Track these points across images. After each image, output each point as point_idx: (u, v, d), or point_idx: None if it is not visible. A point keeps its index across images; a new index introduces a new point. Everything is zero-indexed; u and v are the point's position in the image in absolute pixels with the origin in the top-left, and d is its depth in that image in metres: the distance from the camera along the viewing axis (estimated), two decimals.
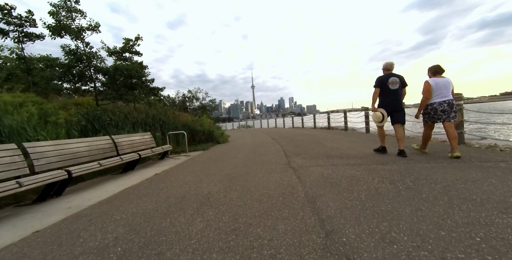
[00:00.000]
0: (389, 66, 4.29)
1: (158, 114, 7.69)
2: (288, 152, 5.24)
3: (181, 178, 3.56)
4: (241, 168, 3.91)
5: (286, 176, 3.09)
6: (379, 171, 2.87)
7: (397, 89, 4.07)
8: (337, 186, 2.43)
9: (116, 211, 2.25)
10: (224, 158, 5.29)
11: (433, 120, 3.68)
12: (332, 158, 4.10)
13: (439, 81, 3.60)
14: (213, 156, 5.88)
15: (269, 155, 5.14)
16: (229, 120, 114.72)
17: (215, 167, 4.29)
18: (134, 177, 3.96)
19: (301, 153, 5.00)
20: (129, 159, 4.26)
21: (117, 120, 6.18)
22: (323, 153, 4.75)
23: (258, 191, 2.52)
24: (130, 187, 3.23)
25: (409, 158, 3.55)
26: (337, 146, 5.56)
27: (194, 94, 24.28)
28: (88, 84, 7.54)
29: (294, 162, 4.00)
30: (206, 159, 5.39)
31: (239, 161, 4.66)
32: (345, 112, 10.00)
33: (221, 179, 3.22)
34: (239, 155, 5.59)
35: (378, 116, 4.14)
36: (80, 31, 6.78)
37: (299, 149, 5.54)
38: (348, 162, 3.58)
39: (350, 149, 4.96)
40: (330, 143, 6.13)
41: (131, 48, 10.26)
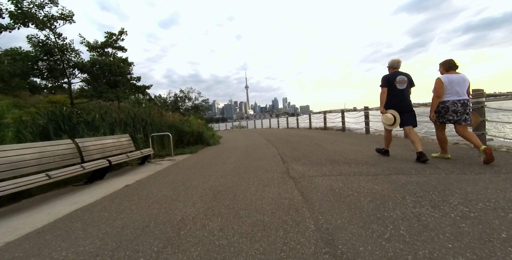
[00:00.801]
0: (395, 64, 3.72)
1: (140, 114, 6.86)
2: (285, 156, 4.55)
3: (155, 192, 2.82)
4: (230, 178, 3.19)
5: (285, 190, 2.39)
6: (405, 185, 2.21)
7: (405, 89, 3.56)
8: (357, 209, 1.75)
9: (33, 258, 1.50)
10: (212, 163, 4.56)
11: (442, 120, 3.17)
12: (338, 164, 3.43)
13: (453, 78, 3.09)
14: (200, 160, 5.14)
15: (264, 159, 4.44)
16: (223, 120, 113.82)
17: (199, 175, 3.56)
18: (97, 190, 3.18)
19: (300, 157, 4.33)
20: (94, 167, 3.47)
21: (91, 121, 5.35)
22: (325, 157, 4.09)
23: (250, 216, 1.82)
24: (84, 207, 2.46)
25: (433, 165, 2.92)
26: (339, 148, 4.92)
27: (186, 94, 23.39)
28: (61, 80, 6.65)
29: (293, 170, 3.32)
30: (192, 165, 4.65)
31: (229, 168, 3.94)
32: (342, 112, 9.42)
33: (203, 195, 2.50)
34: (229, 159, 4.87)
35: (389, 118, 3.55)
36: (50, 20, 5.91)
37: (297, 153, 4.86)
38: (359, 170, 2.92)
39: (355, 152, 4.32)
40: (331, 145, 5.49)
41: (114, 43, 9.39)
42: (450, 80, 3.09)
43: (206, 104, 25.43)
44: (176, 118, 8.90)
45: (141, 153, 4.90)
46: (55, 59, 6.26)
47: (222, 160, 4.86)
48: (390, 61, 3.84)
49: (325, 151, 4.83)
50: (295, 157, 4.43)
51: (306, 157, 4.33)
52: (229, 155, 5.60)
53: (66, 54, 6.29)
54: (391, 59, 3.83)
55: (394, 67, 3.73)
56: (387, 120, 3.61)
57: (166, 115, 8.26)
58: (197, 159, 5.46)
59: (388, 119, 3.58)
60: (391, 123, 3.56)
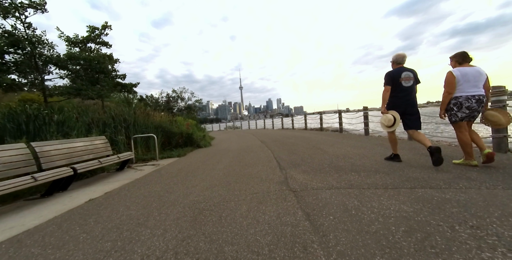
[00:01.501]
0: (400, 58, 3.28)
1: (122, 113, 6.19)
2: (282, 161, 4.00)
3: (121, 210, 2.21)
4: (217, 190, 2.61)
5: (286, 210, 1.83)
6: (442, 205, 1.67)
7: (411, 86, 3.15)
8: (394, 250, 1.20)
9: None
10: (199, 170, 3.96)
11: (454, 118, 2.77)
12: (344, 172, 2.90)
13: (466, 71, 2.72)
14: (187, 165, 4.53)
15: (258, 165, 3.87)
16: (217, 121, 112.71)
17: (182, 185, 2.96)
18: (51, 207, 2.54)
19: (298, 162, 3.78)
20: (50, 178, 2.82)
21: (62, 121, 4.66)
22: (327, 163, 3.55)
23: (240, 258, 1.25)
24: (17, 236, 1.82)
25: (463, 175, 2.40)
26: (342, 152, 4.40)
27: (179, 94, 22.60)
28: (31, 76, 5.90)
29: (293, 179, 2.76)
30: (176, 171, 4.03)
31: (218, 175, 3.35)
32: (340, 113, 8.97)
33: (181, 216, 1.91)
34: (220, 164, 4.28)
35: (389, 119, 3.20)
36: (17, 8, 5.17)
37: (295, 157, 4.32)
38: (373, 182, 2.39)
39: (360, 157, 3.80)
40: (331, 148, 4.98)
41: (97, 38, 8.65)
42: (463, 73, 2.72)
43: (200, 104, 24.68)
44: (164, 118, 8.23)
45: (118, 157, 4.25)
46: (25, 52, 5.52)
47: (211, 165, 4.27)
48: (394, 55, 3.38)
49: (325, 154, 4.30)
50: (293, 162, 3.88)
51: (305, 162, 3.79)
52: (219, 158, 5.01)
53: (37, 47, 5.56)
54: (396, 54, 3.36)
55: (398, 62, 3.29)
56: (386, 121, 3.24)
57: (153, 115, 7.58)
58: (184, 163, 4.85)
59: (388, 120, 3.21)
60: (390, 124, 3.20)
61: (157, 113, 7.82)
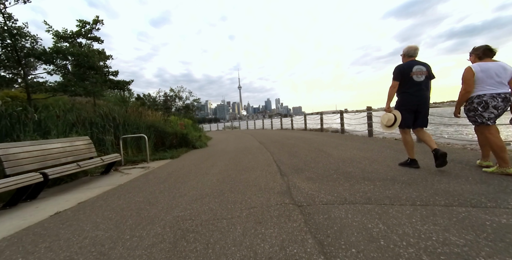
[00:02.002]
0: (412, 51, 2.91)
1: (111, 112, 5.73)
2: (283, 165, 3.58)
3: (86, 229, 1.77)
4: (208, 202, 2.18)
5: (292, 236, 1.41)
6: (506, 237, 1.25)
7: (423, 81, 2.78)
8: None
9: None
10: (191, 174, 3.53)
11: (481, 119, 2.42)
12: (356, 180, 2.48)
13: (488, 67, 2.39)
14: (178, 169, 4.09)
15: (257, 169, 3.45)
16: (216, 121, 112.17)
17: (168, 195, 2.53)
18: (2, 225, 2.07)
19: (301, 167, 3.36)
20: (14, 185, 2.37)
21: (42, 120, 4.20)
22: (334, 168, 3.14)
23: None
24: None
25: (508, 188, 1.99)
26: (348, 155, 3.98)
27: (177, 93, 22.13)
28: (12, 71, 5.43)
29: (297, 189, 2.34)
30: (166, 176, 3.60)
31: (211, 182, 2.92)
32: (341, 113, 8.56)
33: (156, 243, 1.48)
34: (214, 168, 3.85)
35: (389, 119, 2.96)
36: None
37: (297, 160, 3.90)
38: (395, 194, 1.97)
39: (370, 161, 3.39)
40: (335, 151, 4.56)
41: (88, 33, 8.17)
42: (484, 69, 2.40)
43: (198, 104, 24.21)
44: (158, 117, 7.78)
45: (102, 160, 3.80)
46: (4, 44, 5.04)
47: (205, 169, 3.83)
48: (406, 48, 3.01)
49: (330, 158, 3.88)
50: (295, 166, 3.46)
51: (309, 166, 3.37)
52: (215, 161, 4.58)
53: (18, 40, 5.08)
54: (408, 46, 2.98)
55: (410, 55, 2.91)
56: (385, 120, 3.01)
57: (146, 114, 7.13)
58: (175, 166, 4.41)
59: (387, 120, 2.98)
60: (389, 124, 2.97)
61: (150, 112, 7.36)
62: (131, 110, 6.61)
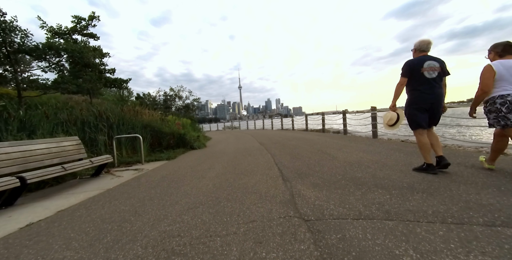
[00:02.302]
0: (424, 45, 2.64)
1: (105, 111, 5.45)
2: (285, 168, 3.30)
3: (54, 249, 1.48)
4: (201, 213, 1.90)
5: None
6: None
7: (436, 77, 2.53)
8: None
9: None
10: (186, 178, 3.25)
11: (504, 121, 2.18)
12: (368, 187, 2.20)
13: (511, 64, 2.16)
14: (173, 171, 3.81)
15: (257, 173, 3.17)
16: (216, 120, 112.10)
17: (158, 203, 2.25)
18: None
19: (305, 171, 3.08)
20: None
21: (27, 119, 3.92)
22: (341, 173, 2.85)
23: None
24: None
25: None
26: (354, 158, 3.70)
27: (176, 93, 21.86)
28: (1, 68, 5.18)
29: (302, 198, 2.06)
30: (159, 179, 3.32)
31: (206, 188, 2.64)
32: (344, 114, 8.27)
33: None
34: (211, 171, 3.57)
35: (390, 118, 2.88)
36: None
37: (300, 163, 3.61)
38: (418, 207, 1.69)
39: (380, 165, 3.10)
40: (340, 153, 4.28)
41: (84, 29, 7.90)
42: (506, 67, 2.18)
43: (198, 103, 23.92)
44: (155, 117, 7.50)
45: (91, 162, 3.51)
46: None
47: (201, 172, 3.56)
48: (417, 42, 2.76)
49: (335, 161, 3.60)
50: (298, 170, 3.18)
51: (313, 170, 3.08)
52: (212, 163, 4.30)
53: (7, 34, 4.80)
54: (419, 40, 2.73)
55: (422, 49, 2.65)
56: (386, 119, 2.92)
57: (143, 113, 6.85)
58: (171, 168, 4.13)
59: (389, 119, 2.89)
60: (391, 124, 2.89)
61: (147, 111, 7.07)
62: (127, 109, 6.32)
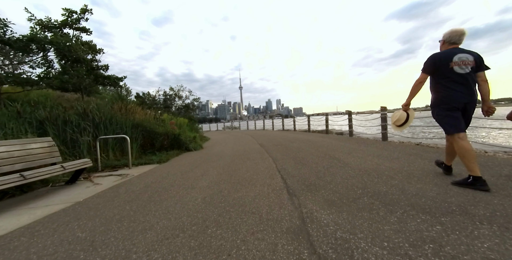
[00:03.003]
0: (455, 37, 2.15)
1: (92, 109, 4.90)
2: (290, 177, 2.73)
3: None
4: (177, 247, 1.33)
5: None
6: None
7: (469, 73, 2.04)
8: None
9: None
10: (173, 188, 2.69)
11: None
12: (404, 210, 1.63)
13: None
14: (161, 178, 3.26)
15: (256, 184, 2.61)
16: (216, 121, 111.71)
17: (126, 227, 1.68)
18: None
19: (314, 181, 2.51)
20: None
21: None
22: (360, 185, 2.29)
23: None
24: None
25: None
26: (370, 165, 3.13)
27: (176, 92, 21.33)
28: None
29: (317, 225, 1.50)
30: (141, 189, 2.77)
31: (193, 204, 2.09)
32: (349, 114, 7.71)
33: None
34: (203, 179, 3.01)
35: (400, 118, 2.56)
36: None
37: (307, 170, 3.05)
38: (500, 252, 1.13)
39: (404, 175, 2.54)
40: (351, 158, 3.71)
41: (76, 23, 7.36)
42: None
43: (198, 103, 23.37)
44: (150, 116, 6.95)
45: (63, 167, 2.95)
46: None
47: (192, 180, 3.00)
48: (447, 32, 2.23)
49: (348, 168, 3.04)
50: (306, 179, 2.62)
51: (323, 180, 2.52)
52: (206, 169, 3.74)
53: None
54: (450, 30, 2.23)
55: (453, 41, 2.16)
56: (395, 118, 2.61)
57: (135, 111, 6.29)
58: (159, 174, 3.57)
59: (398, 119, 2.57)
60: (399, 124, 2.57)
61: (140, 110, 6.52)
62: (117, 107, 5.77)
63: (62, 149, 4.14)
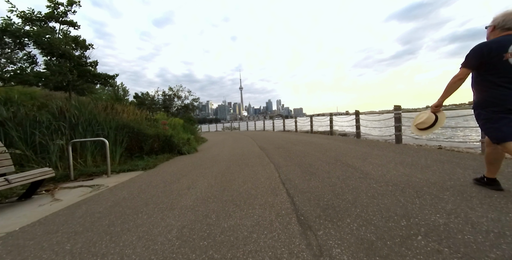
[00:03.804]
0: (508, 20, 1.62)
1: (69, 107, 4.21)
2: (299, 194, 2.04)
3: None
4: None
5: None
6: None
7: None
8: None
9: None
10: (146, 209, 2.00)
11: None
12: None
13: None
14: (137, 193, 2.56)
15: (254, 204, 1.91)
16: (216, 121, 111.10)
17: None
18: None
19: (332, 201, 1.82)
20: None
21: None
22: (399, 210, 1.60)
23: None
24: None
25: None
26: (396, 176, 2.44)
27: (175, 92, 20.65)
28: None
29: None
30: (104, 210, 2.08)
31: (164, 240, 1.39)
32: (357, 114, 7.02)
33: None
34: (188, 194, 2.32)
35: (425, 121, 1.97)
36: None
37: (319, 184, 2.36)
38: None
39: (454, 193, 1.84)
40: (368, 165, 3.02)
41: (63, 16, 6.69)
42: None
43: (199, 103, 22.69)
44: (141, 115, 6.26)
45: (7, 181, 2.25)
46: None
47: (174, 196, 2.31)
48: (498, 15, 1.67)
49: (372, 181, 2.34)
50: (320, 198, 1.92)
51: (344, 199, 1.82)
52: (196, 178, 3.05)
53: None
54: (504, 12, 1.65)
55: (507, 27, 1.62)
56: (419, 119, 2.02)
57: (123, 111, 5.60)
58: (138, 186, 2.89)
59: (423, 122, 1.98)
60: (424, 127, 2.00)
61: (128, 109, 5.83)
62: (101, 106, 5.08)
63: (29, 155, 3.46)
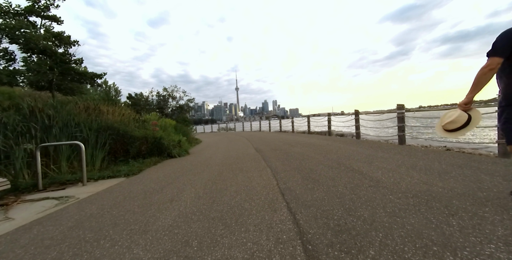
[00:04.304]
0: None
1: (44, 107, 3.72)
2: (302, 209, 1.63)
3: None
4: None
5: None
6: None
7: None
8: None
9: None
10: (114, 231, 1.56)
11: None
12: None
13: None
14: (111, 206, 2.12)
15: (247, 221, 1.50)
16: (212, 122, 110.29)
17: None
18: None
19: (345, 222, 1.43)
20: None
21: None
22: (436, 237, 1.21)
23: None
24: None
25: None
26: (413, 184, 2.06)
27: (170, 93, 20.06)
28: None
29: None
30: (64, 232, 1.63)
31: None
32: (357, 114, 6.67)
33: None
34: (171, 209, 1.89)
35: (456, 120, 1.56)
36: None
37: (325, 194, 1.96)
38: None
39: (492, 209, 1.47)
40: (377, 170, 2.64)
41: (45, 11, 6.17)
42: None
43: (194, 104, 22.12)
44: (128, 116, 5.77)
45: None
46: None
47: (152, 212, 1.88)
48: None
49: (385, 190, 1.96)
50: (330, 216, 1.52)
51: (360, 219, 1.43)
52: (182, 187, 2.62)
53: None
54: None
55: None
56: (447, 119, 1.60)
57: (107, 111, 5.11)
58: (114, 197, 2.44)
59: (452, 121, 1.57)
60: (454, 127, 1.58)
61: (113, 109, 5.34)
62: (82, 106, 4.59)
63: None
